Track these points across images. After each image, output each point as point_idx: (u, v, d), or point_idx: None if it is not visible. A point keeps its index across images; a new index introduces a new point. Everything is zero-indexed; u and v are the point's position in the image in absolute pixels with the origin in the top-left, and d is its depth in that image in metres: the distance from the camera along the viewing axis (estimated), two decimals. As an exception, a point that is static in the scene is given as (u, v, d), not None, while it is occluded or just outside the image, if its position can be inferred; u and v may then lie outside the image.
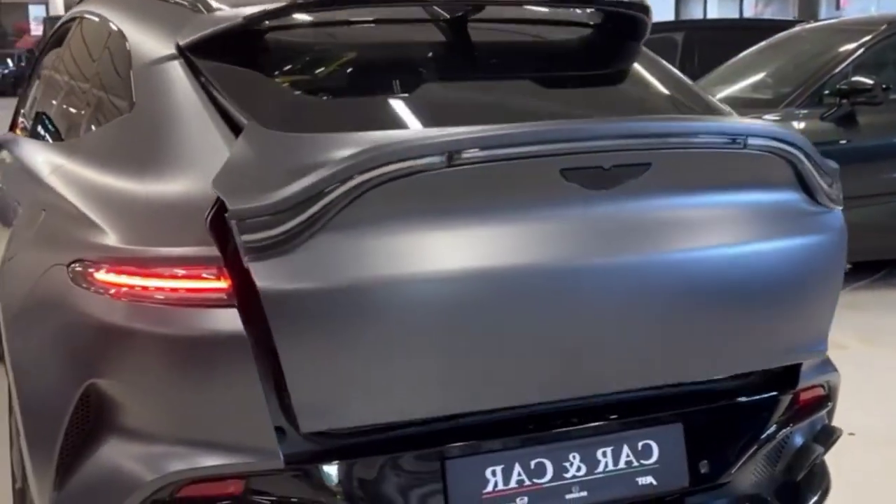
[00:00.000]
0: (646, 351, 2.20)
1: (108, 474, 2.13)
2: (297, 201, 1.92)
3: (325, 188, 1.92)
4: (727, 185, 2.25)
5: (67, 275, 2.20)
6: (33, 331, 2.32)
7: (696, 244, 2.19)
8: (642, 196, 2.12)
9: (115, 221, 2.21)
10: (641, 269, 2.13)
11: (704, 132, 2.22)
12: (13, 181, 3.42)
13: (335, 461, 2.09)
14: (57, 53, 3.79)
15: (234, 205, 1.95)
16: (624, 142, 2.10)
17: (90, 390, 2.13)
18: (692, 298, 2.20)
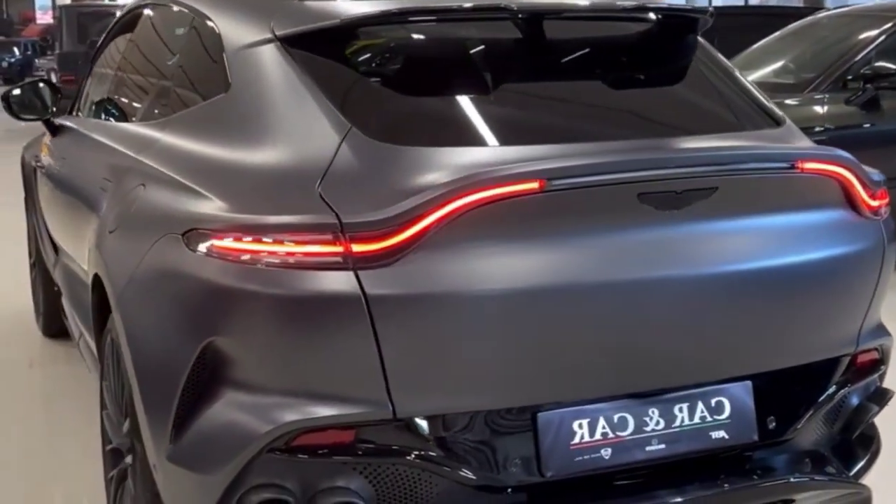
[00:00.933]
0: (719, 348, 2.45)
1: (225, 426, 2.29)
2: (404, 220, 2.14)
3: (429, 209, 2.14)
4: (782, 203, 2.49)
5: (183, 243, 2.37)
6: (148, 297, 2.49)
7: (754, 258, 2.43)
8: (708, 216, 2.36)
9: (227, 192, 2.38)
10: (707, 281, 2.37)
11: (769, 159, 2.50)
12: (93, 159, 3.58)
13: (436, 413, 2.26)
14: (128, 39, 3.95)
15: (348, 218, 2.16)
16: (698, 169, 2.36)
17: (208, 349, 2.30)
18: (753, 303, 2.44)
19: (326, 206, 2.21)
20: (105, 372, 3.07)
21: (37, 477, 3.77)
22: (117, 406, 2.92)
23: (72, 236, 3.93)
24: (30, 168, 5.16)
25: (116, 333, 2.75)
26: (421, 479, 2.27)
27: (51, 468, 3.84)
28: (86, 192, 3.54)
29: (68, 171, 3.98)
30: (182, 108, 3.02)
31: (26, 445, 4.06)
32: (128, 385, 2.63)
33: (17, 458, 3.95)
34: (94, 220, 3.24)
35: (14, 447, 4.04)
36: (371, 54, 2.57)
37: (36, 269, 5.46)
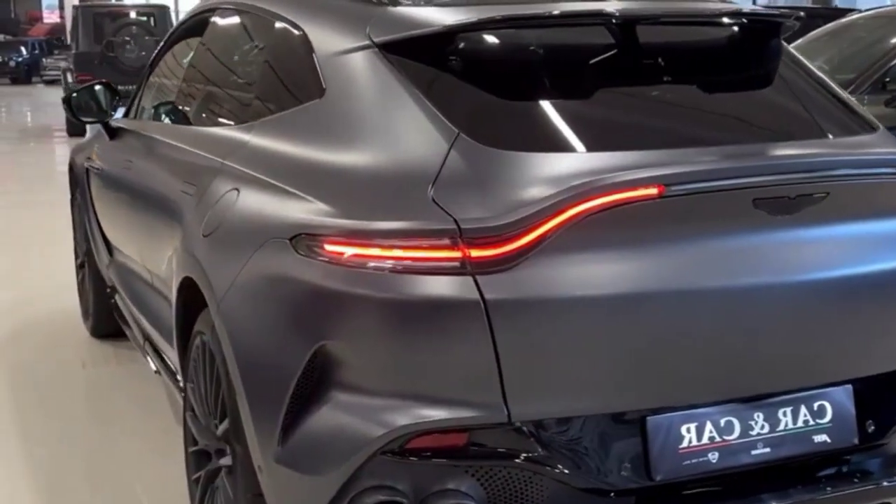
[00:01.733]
0: (823, 352, 2.47)
1: (336, 429, 2.32)
2: (523, 226, 2.18)
3: (549, 214, 2.18)
4: (888, 208, 2.52)
5: (290, 248, 2.39)
6: (254, 300, 2.51)
7: (860, 262, 2.47)
8: (818, 221, 2.40)
9: (333, 196, 2.41)
10: (815, 286, 2.40)
11: (880, 164, 2.54)
12: (168, 162, 3.61)
13: (549, 418, 2.29)
14: (198, 44, 3.98)
15: (466, 223, 2.19)
16: (812, 174, 2.40)
17: (319, 352, 2.32)
18: (858, 308, 2.48)
19: (442, 211, 2.23)
20: (191, 374, 3.10)
21: (99, 476, 3.80)
22: (208, 408, 2.94)
23: (139, 239, 3.96)
24: (81, 170, 5.19)
25: (210, 335, 2.78)
26: (531, 481, 2.30)
27: (112, 467, 3.86)
28: (160, 195, 3.57)
29: (135, 174, 4.00)
30: (268, 112, 3.04)
31: (87, 445, 4.09)
32: (226, 387, 2.65)
33: (78, 456, 3.97)
34: (175, 223, 3.27)
35: (75, 447, 4.07)
36: (474, 61, 2.59)
37: (85, 270, 5.49)
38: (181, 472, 3.67)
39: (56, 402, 4.68)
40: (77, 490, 3.69)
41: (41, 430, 4.27)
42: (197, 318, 3.03)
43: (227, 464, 2.78)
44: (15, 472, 3.83)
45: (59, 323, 5.87)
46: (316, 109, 2.74)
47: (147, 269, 3.97)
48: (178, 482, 3.65)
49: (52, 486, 3.71)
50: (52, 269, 7.26)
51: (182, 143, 3.54)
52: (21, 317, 5.92)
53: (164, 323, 3.68)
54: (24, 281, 6.85)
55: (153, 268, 3.84)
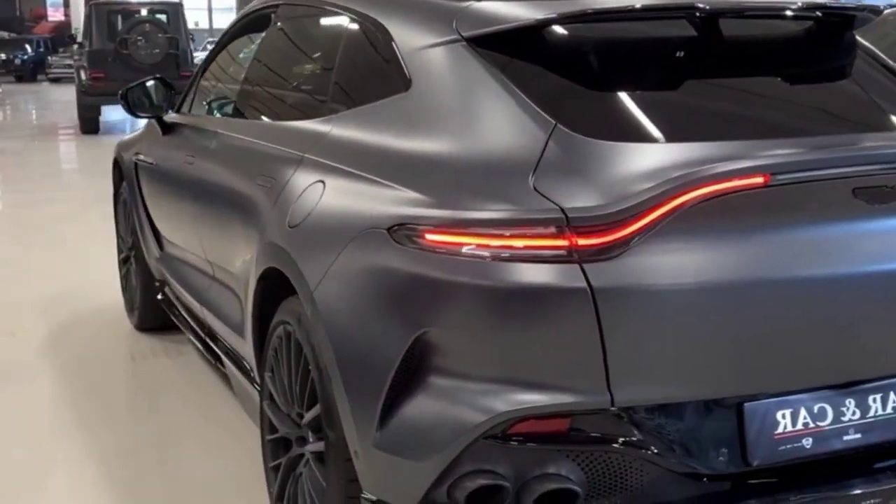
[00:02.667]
0: None
1: (438, 414, 2.37)
2: (630, 214, 2.23)
3: (657, 203, 2.23)
4: None
5: (389, 238, 2.44)
6: (351, 290, 2.56)
7: None
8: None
9: (430, 187, 2.46)
10: None
11: None
12: (238, 156, 3.66)
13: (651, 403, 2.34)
14: (261, 40, 4.03)
15: (573, 211, 2.24)
16: None
17: (420, 340, 2.37)
18: None
19: (546, 199, 2.28)
20: (269, 363, 3.15)
21: (163, 466, 3.86)
22: (290, 396, 3.00)
23: (203, 232, 4.01)
24: (129, 166, 5.24)
25: (296, 324, 2.83)
26: (630, 465, 2.35)
27: (175, 458, 3.92)
28: (230, 188, 3.62)
29: (198, 168, 4.05)
30: (347, 106, 3.09)
31: (149, 437, 4.15)
32: (318, 375, 2.70)
33: (143, 449, 4.03)
34: (249, 215, 3.32)
35: (139, 439, 4.13)
36: (565, 53, 2.64)
37: (130, 265, 5.54)
38: (242, 460, 3.77)
39: (113, 395, 4.75)
40: (143, 480, 3.74)
41: (102, 423, 4.32)
42: (277, 308, 3.08)
43: (316, 450, 2.83)
44: (82, 464, 3.88)
45: (101, 318, 5.93)
46: (402, 102, 2.79)
47: (210, 261, 4.02)
48: (239, 470, 3.73)
49: (119, 478, 3.76)
50: (84, 265, 7.34)
51: (254, 138, 3.59)
52: (62, 313, 5.98)
53: (231, 314, 3.73)
54: (57, 277, 6.91)
55: (219, 260, 3.89)
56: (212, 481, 3.70)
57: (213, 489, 3.64)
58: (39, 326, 5.68)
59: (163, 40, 17.39)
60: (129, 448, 4.03)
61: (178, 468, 3.84)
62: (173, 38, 17.45)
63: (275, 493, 3.14)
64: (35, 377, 4.87)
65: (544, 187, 2.31)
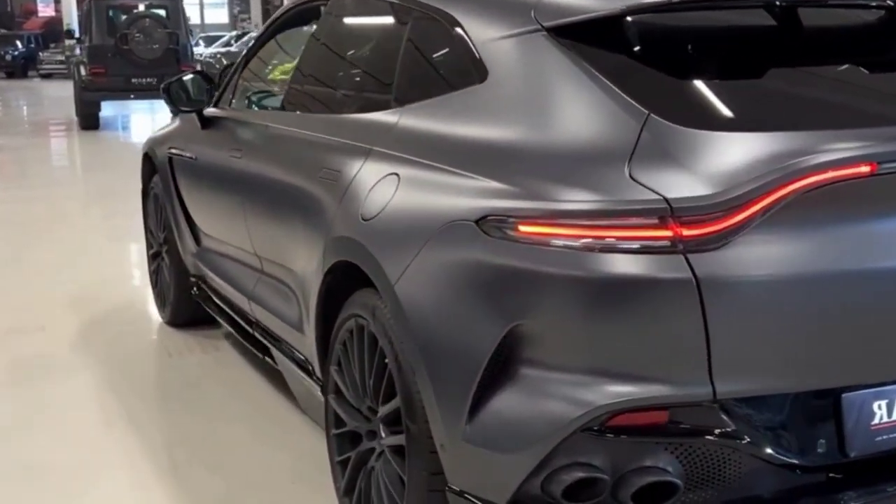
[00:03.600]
0: None
1: (532, 408, 2.35)
2: (735, 204, 2.21)
3: (763, 193, 2.21)
4: None
5: (479, 231, 2.42)
6: (437, 283, 2.54)
7: None
8: None
9: (519, 178, 2.43)
10: None
11: None
12: (296, 150, 3.64)
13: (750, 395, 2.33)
14: (315, 32, 4.00)
15: (678, 202, 2.22)
16: None
17: (514, 332, 2.35)
18: None
19: (646, 189, 2.26)
20: (335, 357, 3.13)
21: (210, 462, 3.83)
22: (362, 390, 2.98)
23: (253, 227, 3.99)
24: (163, 160, 5.21)
25: (371, 318, 2.81)
26: (728, 457, 2.34)
27: (221, 453, 3.89)
28: (287, 183, 3.59)
29: (247, 162, 4.02)
30: (417, 98, 3.06)
31: (193, 433, 4.12)
32: (397, 368, 2.69)
33: (188, 444, 4.01)
34: (312, 209, 3.29)
35: (181, 431, 4.11)
36: (652, 42, 2.62)
37: (161, 260, 5.51)
38: (295, 452, 3.75)
39: (155, 389, 4.73)
40: (198, 473, 3.72)
41: (148, 417, 4.30)
42: (344, 301, 3.06)
43: (393, 444, 2.81)
44: (134, 459, 3.86)
45: (126, 313, 5.92)
46: (478, 93, 2.77)
47: (260, 256, 4.00)
48: (293, 462, 3.71)
49: (173, 472, 3.74)
50: (99, 261, 7.32)
51: (311, 131, 3.57)
52: (85, 308, 5.94)
53: (285, 308, 3.71)
54: (74, 274, 6.87)
55: (271, 255, 3.87)
56: (266, 474, 3.68)
57: (268, 482, 3.62)
58: (67, 321, 5.65)
59: (162, 35, 17.32)
60: (180, 441, 4.01)
61: (233, 461, 3.81)
62: (173, 33, 17.39)
63: (343, 486, 3.12)
64: (73, 372, 4.84)
65: (642, 177, 2.30)
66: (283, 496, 3.54)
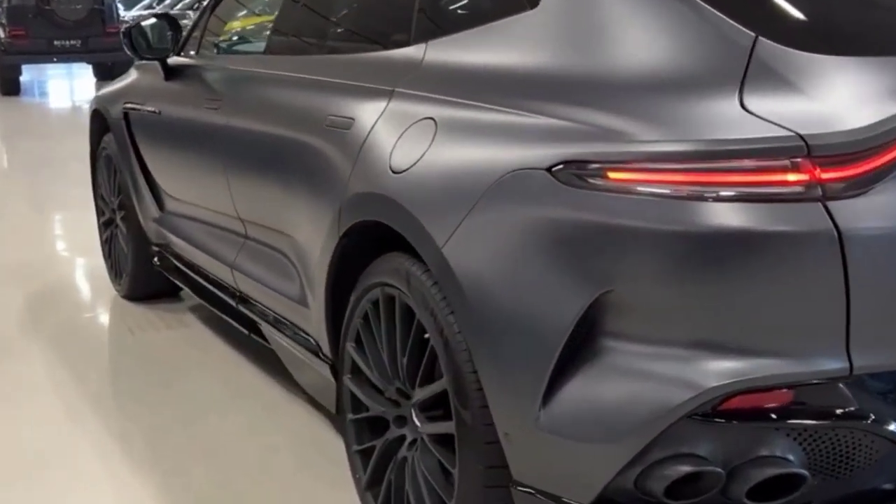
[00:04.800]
0: None
1: (625, 391, 1.97)
2: (882, 142, 1.85)
3: None
4: None
5: (553, 180, 2.03)
6: (499, 244, 2.13)
7: None
8: None
9: (605, 115, 2.04)
10: None
11: None
12: (289, 98, 3.20)
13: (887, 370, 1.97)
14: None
15: (815, 139, 1.84)
16: None
17: (602, 301, 1.97)
18: None
19: (771, 124, 1.88)
20: (353, 333, 2.73)
21: (190, 448, 3.38)
22: (391, 370, 2.59)
23: (238, 188, 3.54)
24: (116, 118, 4.70)
25: (405, 286, 2.42)
26: (859, 443, 1.98)
27: (205, 437, 3.45)
28: (282, 135, 3.15)
29: (227, 114, 3.56)
30: (447, 30, 2.65)
31: (170, 415, 3.66)
32: (444, 345, 2.29)
33: (164, 427, 3.54)
34: (319, 165, 2.87)
35: (156, 419, 3.64)
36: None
37: (115, 227, 5.03)
38: (285, 441, 3.37)
39: (120, 372, 4.27)
40: (179, 462, 3.28)
41: (116, 403, 3.85)
42: (365, 268, 2.66)
43: (435, 432, 2.43)
44: (105, 447, 3.40)
45: (78, 288, 5.46)
46: (531, 21, 2.36)
47: (246, 220, 3.56)
48: (284, 452, 3.30)
49: (151, 461, 3.29)
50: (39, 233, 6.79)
51: (313, 75, 3.13)
52: (31, 283, 5.40)
53: (279, 278, 3.29)
54: (10, 246, 6.31)
55: (260, 218, 3.43)
56: (264, 464, 3.25)
57: (267, 473, 3.20)
58: (10, 302, 5.08)
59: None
60: (159, 431, 3.54)
61: (224, 451, 3.37)
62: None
63: (365, 479, 2.72)
64: (26, 354, 4.32)
65: (758, 108, 1.91)
66: (285, 488, 3.12)
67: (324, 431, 3.42)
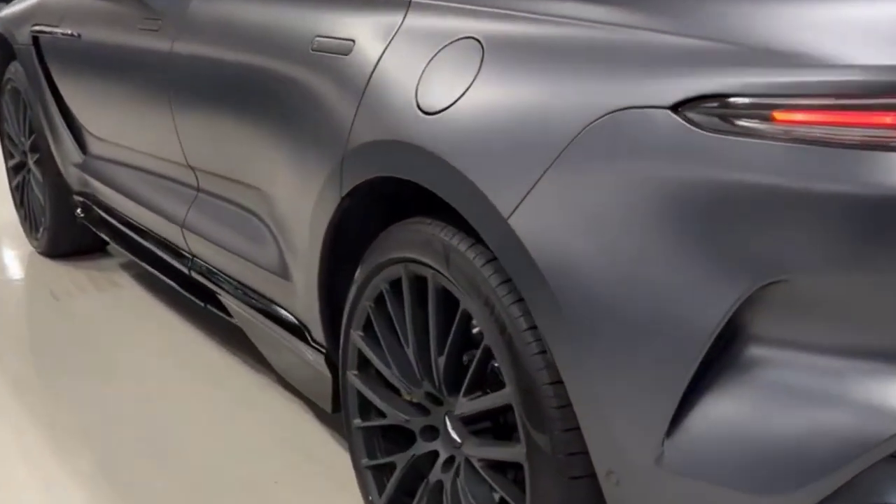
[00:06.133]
0: None
1: (798, 421, 1.42)
2: None
3: None
4: None
5: (682, 123, 1.44)
6: (602, 215, 1.54)
7: None
8: None
9: (766, 34, 1.44)
10: None
11: None
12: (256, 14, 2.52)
13: None
14: None
15: None
16: None
17: (761, 296, 1.40)
18: None
19: None
20: (361, 319, 2.12)
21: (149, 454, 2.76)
22: (419, 370, 2.00)
23: (186, 126, 2.86)
24: (24, 44, 3.96)
25: (445, 267, 1.82)
26: None
27: (163, 439, 2.82)
28: (249, 62, 2.49)
29: (169, 35, 2.87)
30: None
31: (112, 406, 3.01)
32: (507, 346, 1.71)
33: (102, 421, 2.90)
34: (304, 101, 2.23)
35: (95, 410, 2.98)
36: None
37: (27, 173, 4.31)
38: (260, 437, 2.76)
39: (42, 347, 3.56)
40: (128, 475, 2.65)
41: (42, 384, 3.17)
42: (376, 238, 2.05)
43: (492, 457, 1.85)
44: (25, 441, 2.75)
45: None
46: None
47: (198, 169, 2.89)
48: (260, 453, 2.69)
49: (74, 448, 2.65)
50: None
51: None
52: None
53: (249, 244, 2.66)
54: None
55: (219, 168, 2.78)
56: (235, 468, 2.63)
57: (240, 481, 2.58)
58: None
59: None
60: (99, 419, 2.89)
61: (185, 449, 2.74)
62: None
63: (384, 503, 2.14)
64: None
65: None
66: (228, 480, 2.56)
67: (309, 427, 2.82)
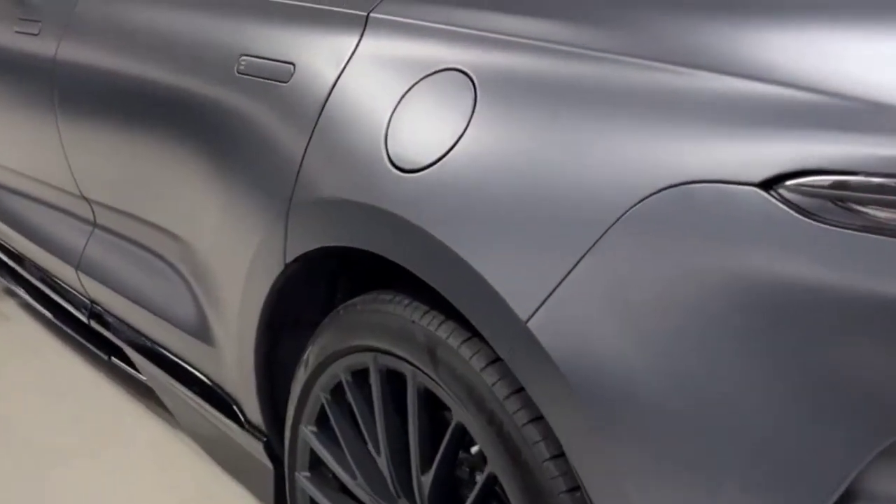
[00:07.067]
0: None
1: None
2: None
3: None
4: None
5: (777, 204, 1.05)
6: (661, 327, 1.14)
7: None
8: None
9: None
10: None
11: None
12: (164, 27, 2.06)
13: None
14: None
15: None
16: None
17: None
18: None
19: None
20: (313, 411, 1.71)
21: None
22: (392, 486, 1.59)
23: (76, 152, 2.38)
24: None
25: (433, 368, 1.42)
26: None
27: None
28: (154, 80, 2.03)
29: (48, 44, 2.38)
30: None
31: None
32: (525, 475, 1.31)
33: None
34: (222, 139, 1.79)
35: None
36: None
37: None
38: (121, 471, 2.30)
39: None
40: None
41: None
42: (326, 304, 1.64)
43: None
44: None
45: None
46: None
47: (93, 202, 2.42)
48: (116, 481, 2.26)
49: None
50: None
51: None
52: None
53: (160, 295, 2.21)
54: None
55: (118, 202, 2.31)
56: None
57: None
58: None
59: None
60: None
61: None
62: None
63: None
64: None
65: None
66: None
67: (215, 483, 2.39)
